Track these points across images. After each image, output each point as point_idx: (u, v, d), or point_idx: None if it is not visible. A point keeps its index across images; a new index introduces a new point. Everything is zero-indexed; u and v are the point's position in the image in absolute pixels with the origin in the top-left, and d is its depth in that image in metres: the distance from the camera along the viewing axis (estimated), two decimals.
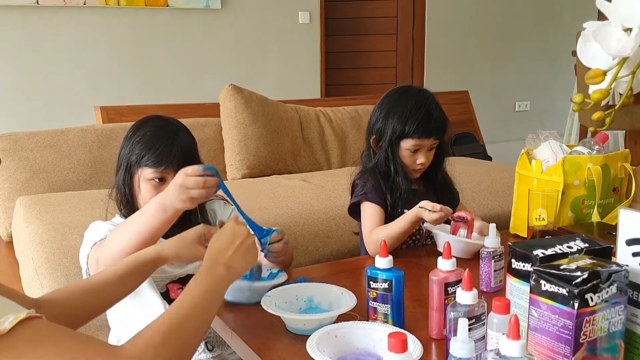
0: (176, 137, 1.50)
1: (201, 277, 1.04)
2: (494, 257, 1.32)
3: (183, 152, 1.49)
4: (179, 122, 1.57)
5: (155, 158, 1.46)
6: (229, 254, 1.10)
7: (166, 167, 1.46)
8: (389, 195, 1.67)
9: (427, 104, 1.67)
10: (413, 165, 1.69)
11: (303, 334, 1.11)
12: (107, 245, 1.37)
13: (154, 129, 1.51)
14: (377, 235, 1.59)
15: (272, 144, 3.14)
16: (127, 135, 1.53)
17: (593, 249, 0.99)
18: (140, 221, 1.34)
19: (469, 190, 2.34)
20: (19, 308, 0.81)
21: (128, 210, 1.52)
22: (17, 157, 2.61)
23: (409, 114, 1.65)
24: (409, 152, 1.67)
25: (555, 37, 6.04)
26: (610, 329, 0.84)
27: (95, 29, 4.35)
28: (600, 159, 1.65)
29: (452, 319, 0.94)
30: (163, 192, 1.32)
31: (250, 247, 1.14)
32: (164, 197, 1.31)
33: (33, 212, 2.24)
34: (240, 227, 1.16)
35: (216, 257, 1.09)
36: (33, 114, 4.17)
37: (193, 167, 1.28)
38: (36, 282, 1.89)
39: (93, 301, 1.16)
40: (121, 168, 1.52)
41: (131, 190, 1.51)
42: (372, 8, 5.57)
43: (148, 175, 1.47)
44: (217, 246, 1.11)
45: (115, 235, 1.38)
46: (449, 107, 1.72)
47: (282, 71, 5.05)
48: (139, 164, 1.48)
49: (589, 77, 1.31)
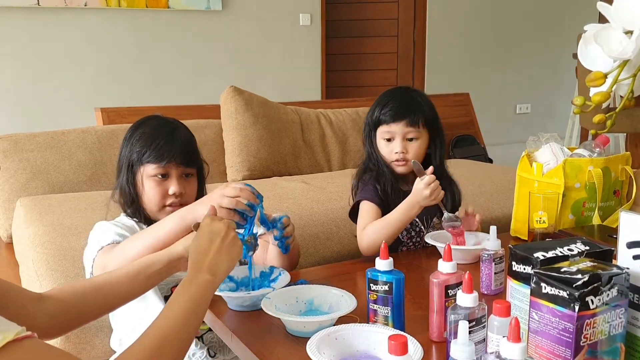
0: (176, 132, 1.51)
1: (185, 287, 1.01)
2: (494, 260, 1.32)
3: (184, 146, 1.50)
4: (178, 121, 1.58)
5: (157, 153, 1.46)
6: (210, 257, 1.06)
7: (168, 162, 1.46)
8: (382, 193, 1.64)
9: (401, 93, 1.66)
10: (390, 155, 1.65)
11: (303, 336, 1.11)
12: (117, 254, 1.35)
13: (153, 127, 1.52)
14: (371, 228, 1.58)
15: (272, 146, 3.14)
16: (125, 136, 1.54)
17: (594, 251, 0.99)
18: (157, 233, 1.32)
19: (469, 192, 2.33)
20: (8, 326, 0.76)
21: (133, 210, 1.52)
22: (17, 159, 2.61)
23: (379, 101, 1.67)
24: (384, 141, 1.66)
25: (556, 39, 6.04)
26: (610, 332, 0.84)
27: (96, 30, 4.36)
28: (601, 161, 1.65)
29: (452, 321, 0.93)
30: (190, 206, 1.32)
31: (232, 243, 1.11)
32: (188, 212, 1.30)
33: (33, 213, 2.24)
34: (216, 223, 1.12)
35: (198, 263, 1.05)
36: (33, 115, 4.17)
37: (234, 187, 1.26)
38: (36, 283, 1.89)
39: (102, 300, 1.14)
40: (122, 169, 1.52)
41: (135, 189, 1.50)
42: (373, 10, 5.57)
43: (151, 171, 1.48)
44: (197, 250, 1.07)
45: (127, 245, 1.35)
46: (449, 109, 1.72)
47: (282, 73, 5.05)
48: (140, 161, 1.48)
49: (589, 79, 1.31)
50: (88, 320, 1.15)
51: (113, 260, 1.34)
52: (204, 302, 1.02)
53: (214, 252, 1.07)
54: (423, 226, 1.71)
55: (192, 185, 1.55)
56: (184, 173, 1.52)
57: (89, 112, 3.66)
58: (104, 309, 1.17)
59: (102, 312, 1.17)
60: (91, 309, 1.13)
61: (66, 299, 1.09)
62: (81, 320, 1.13)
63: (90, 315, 1.14)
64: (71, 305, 1.10)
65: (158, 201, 1.49)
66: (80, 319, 1.13)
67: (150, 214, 1.53)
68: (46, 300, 1.07)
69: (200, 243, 1.09)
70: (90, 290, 1.13)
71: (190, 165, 1.53)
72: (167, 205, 1.50)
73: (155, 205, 1.50)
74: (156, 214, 1.51)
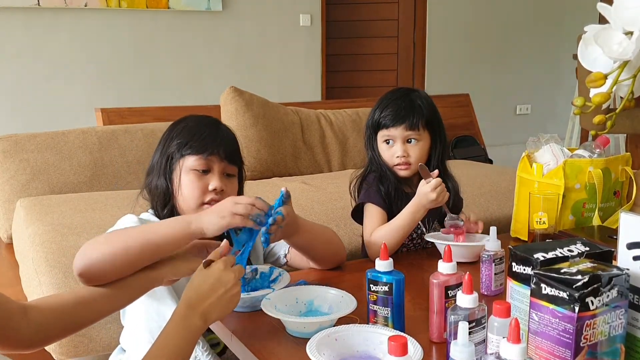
0: (220, 125, 1.43)
1: (176, 327, 0.99)
2: (494, 261, 1.32)
3: (228, 140, 1.41)
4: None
5: (200, 144, 1.36)
6: (207, 303, 1.03)
7: (211, 153, 1.36)
8: (385, 196, 1.64)
9: (402, 96, 1.64)
10: (392, 159, 1.64)
11: (303, 337, 1.11)
12: (100, 246, 1.15)
13: (196, 121, 1.43)
14: (379, 234, 1.57)
15: (272, 147, 3.14)
16: (163, 135, 1.44)
17: (594, 252, 0.99)
18: (153, 235, 1.16)
19: (469, 193, 2.33)
20: None
21: (168, 210, 1.40)
22: (17, 159, 2.61)
23: (379, 104, 1.66)
24: (385, 145, 1.65)
25: (556, 40, 6.04)
26: (610, 332, 0.84)
27: (96, 30, 4.36)
28: (601, 162, 1.65)
29: (452, 322, 0.93)
30: (197, 214, 1.21)
31: (233, 298, 1.07)
32: (195, 219, 1.18)
33: (33, 213, 2.24)
34: (227, 273, 1.07)
35: (194, 304, 1.03)
36: (34, 115, 4.17)
37: (246, 197, 1.22)
38: (35, 280, 1.89)
39: (83, 312, 1.13)
40: (157, 166, 1.41)
41: (171, 186, 1.38)
42: (373, 11, 5.57)
43: (191, 163, 1.36)
44: (197, 291, 1.04)
45: (114, 239, 1.17)
46: (449, 110, 1.71)
47: (283, 73, 5.05)
48: (180, 153, 1.37)
49: (589, 80, 1.31)
50: (70, 332, 1.14)
51: (94, 252, 1.14)
52: (193, 344, 1.02)
53: (213, 300, 1.04)
54: (425, 228, 1.71)
55: (233, 185, 1.43)
56: (225, 171, 1.40)
57: (89, 112, 3.66)
58: (85, 321, 1.15)
59: (82, 325, 1.15)
60: (70, 323, 1.12)
61: (48, 312, 1.09)
62: (65, 332, 1.12)
63: (71, 329, 1.13)
64: (55, 317, 1.09)
65: (197, 197, 1.36)
66: (64, 331, 1.12)
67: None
68: (30, 311, 1.06)
69: (203, 286, 1.05)
70: (72, 303, 1.12)
71: (233, 163, 1.42)
72: (206, 202, 1.37)
73: (193, 202, 1.37)
74: (193, 213, 1.34)
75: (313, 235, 1.43)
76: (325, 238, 1.48)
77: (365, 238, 1.64)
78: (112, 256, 1.13)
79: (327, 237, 1.49)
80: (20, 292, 2.07)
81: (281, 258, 1.52)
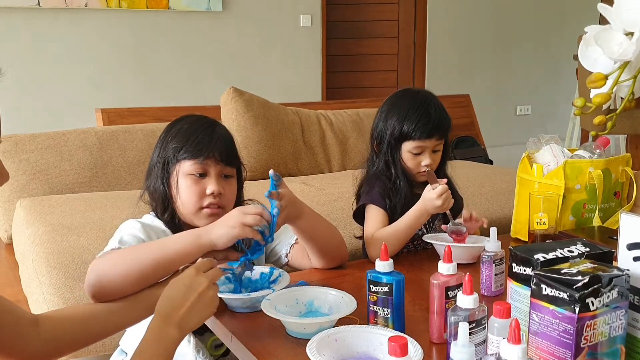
0: (216, 127, 1.41)
1: (151, 341, 0.97)
2: (494, 261, 1.32)
3: (224, 142, 1.39)
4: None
5: (194, 148, 1.35)
6: (182, 312, 1.01)
7: (206, 157, 1.34)
8: (388, 199, 1.63)
9: (425, 104, 1.63)
10: (417, 167, 1.64)
11: (303, 337, 1.10)
12: (114, 265, 1.18)
13: (191, 123, 1.41)
14: (380, 235, 1.57)
15: (272, 147, 3.14)
16: (160, 136, 1.43)
17: (594, 253, 0.99)
18: (166, 250, 1.18)
19: (470, 194, 2.33)
20: None
21: (167, 216, 1.40)
22: (17, 159, 2.61)
23: (406, 115, 1.63)
24: (411, 154, 1.65)
25: (556, 41, 6.05)
26: (611, 333, 0.84)
27: (97, 31, 4.36)
28: (602, 163, 1.65)
29: (452, 323, 0.93)
30: (207, 227, 1.21)
31: (209, 302, 1.05)
32: (205, 232, 1.19)
33: (33, 214, 2.24)
34: (198, 278, 1.05)
35: (168, 315, 1.01)
36: (34, 115, 4.17)
37: (254, 206, 1.22)
38: (35, 280, 1.89)
39: (92, 327, 1.13)
40: (155, 169, 1.41)
41: (169, 191, 1.38)
42: (374, 11, 5.58)
43: (187, 168, 1.36)
44: (170, 300, 1.02)
45: (128, 256, 1.20)
46: (450, 110, 1.70)
47: (283, 74, 5.06)
48: (176, 158, 1.36)
49: (590, 81, 1.31)
50: (82, 345, 1.14)
51: (107, 271, 1.18)
52: (170, 355, 1.00)
53: (187, 308, 1.02)
54: (425, 229, 1.71)
55: (232, 186, 1.42)
56: (222, 173, 1.39)
57: (89, 112, 3.66)
58: (94, 336, 1.15)
59: (92, 339, 1.15)
60: (80, 336, 1.12)
61: (59, 325, 1.09)
62: (76, 345, 1.12)
63: (81, 342, 1.13)
64: (66, 330, 1.09)
65: (195, 202, 1.36)
66: (74, 345, 1.12)
67: (186, 219, 1.39)
68: (41, 323, 1.06)
69: (175, 295, 1.03)
70: (80, 318, 1.12)
71: (230, 164, 1.40)
72: (204, 206, 1.36)
73: (192, 206, 1.36)
74: (192, 218, 1.37)
75: (317, 221, 1.44)
76: (329, 228, 1.49)
77: (366, 238, 1.64)
78: (125, 274, 1.16)
79: (331, 229, 1.49)
80: (20, 292, 2.07)
81: (282, 257, 1.52)
